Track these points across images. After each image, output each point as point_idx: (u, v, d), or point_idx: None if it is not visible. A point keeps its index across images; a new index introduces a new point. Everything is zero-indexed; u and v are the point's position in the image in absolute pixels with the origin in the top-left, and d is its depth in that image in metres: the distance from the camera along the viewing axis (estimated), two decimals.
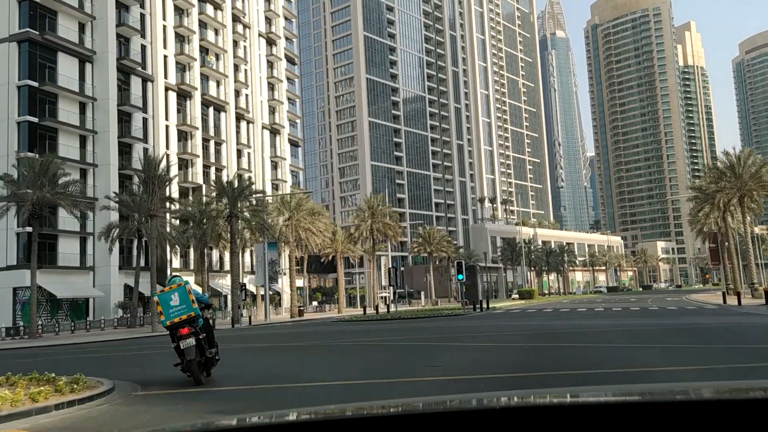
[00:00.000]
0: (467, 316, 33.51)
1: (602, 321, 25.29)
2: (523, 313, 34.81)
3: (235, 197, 46.37)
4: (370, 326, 29.06)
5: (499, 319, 29.25)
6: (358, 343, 19.67)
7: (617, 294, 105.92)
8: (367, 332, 24.98)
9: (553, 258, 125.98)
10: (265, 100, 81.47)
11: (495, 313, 37.81)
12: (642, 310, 35.34)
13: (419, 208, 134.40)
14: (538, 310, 39.37)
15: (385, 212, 70.98)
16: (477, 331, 22.60)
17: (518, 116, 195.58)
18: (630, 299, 63.61)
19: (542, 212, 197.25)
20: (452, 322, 28.26)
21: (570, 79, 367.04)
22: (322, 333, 26.80)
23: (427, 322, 29.14)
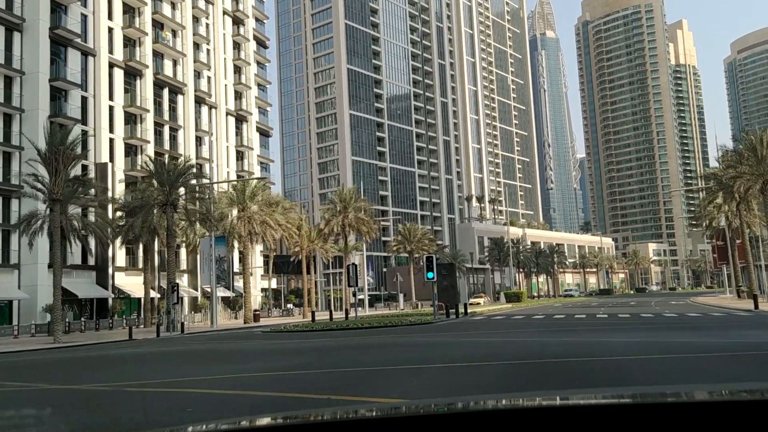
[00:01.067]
0: (436, 325, 26.19)
1: (619, 337, 17.75)
2: (507, 322, 27.40)
3: (171, 182, 38.93)
4: (289, 342, 21.61)
5: (475, 332, 21.86)
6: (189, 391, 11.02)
7: (611, 297, 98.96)
8: (261, 354, 17.73)
9: (543, 259, 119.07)
10: (231, 83, 73.98)
11: (474, 320, 30.46)
12: (657, 317, 28.24)
13: (403, 207, 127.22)
14: (526, 317, 32.16)
15: (359, 206, 63.67)
16: (433, 355, 15.00)
17: (507, 114, 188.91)
18: (629, 303, 56.62)
19: (531, 212, 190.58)
20: (411, 336, 21.00)
21: (560, 79, 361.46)
22: (198, 354, 19.29)
23: (379, 334, 21.92)
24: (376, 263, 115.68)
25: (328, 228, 62.19)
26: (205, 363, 16.36)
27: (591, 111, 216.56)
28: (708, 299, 57.80)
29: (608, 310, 39.25)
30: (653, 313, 32.59)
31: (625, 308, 41.75)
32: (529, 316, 32.61)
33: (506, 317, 32.70)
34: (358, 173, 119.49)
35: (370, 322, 26.64)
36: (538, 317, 31.37)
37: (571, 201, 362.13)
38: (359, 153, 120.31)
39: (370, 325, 25.61)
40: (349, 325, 25.33)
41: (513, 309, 47.81)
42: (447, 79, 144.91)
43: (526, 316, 32.57)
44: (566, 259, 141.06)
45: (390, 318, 32.26)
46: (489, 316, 34.36)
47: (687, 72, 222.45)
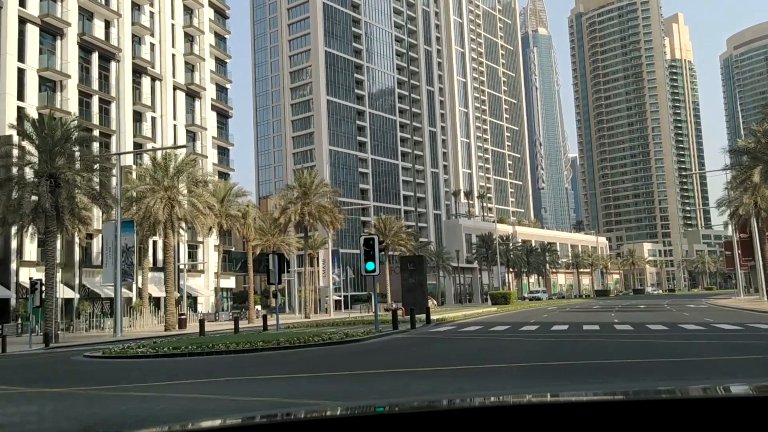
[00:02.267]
0: (363, 348, 16.40)
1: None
2: (479, 340, 18.08)
3: (50, 148, 29.25)
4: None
5: (400, 376, 11.53)
6: None
7: (609, 299, 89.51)
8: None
9: (534, 258, 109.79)
10: (180, 53, 64.18)
11: (431, 335, 20.50)
12: (714, 331, 18.68)
13: (385, 201, 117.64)
14: (511, 328, 22.76)
15: (322, 192, 54.05)
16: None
17: (498, 107, 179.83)
18: (637, 305, 47.32)
19: (522, 211, 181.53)
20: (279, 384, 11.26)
21: (552, 77, 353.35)
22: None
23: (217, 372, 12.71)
24: (353, 262, 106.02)
25: (284, 217, 52.52)
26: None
27: (584, 106, 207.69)
28: (729, 301, 48.61)
29: (623, 316, 29.67)
30: (697, 322, 22.89)
31: (641, 314, 32.37)
32: (516, 327, 22.71)
33: (483, 328, 22.83)
34: (336, 164, 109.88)
35: (277, 339, 16.90)
36: (530, 328, 21.71)
37: (563, 201, 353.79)
38: (338, 143, 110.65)
39: (283, 344, 15.93)
40: (229, 346, 15.70)
41: (497, 314, 38.22)
42: (434, 68, 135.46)
43: (512, 327, 22.72)
44: (559, 259, 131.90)
45: (318, 330, 22.76)
46: (459, 327, 23.97)
47: (683, 67, 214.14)
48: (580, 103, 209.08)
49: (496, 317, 34.44)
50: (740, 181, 39.75)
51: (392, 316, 23.20)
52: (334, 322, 29.97)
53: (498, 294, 57.02)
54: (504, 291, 60.45)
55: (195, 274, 63.36)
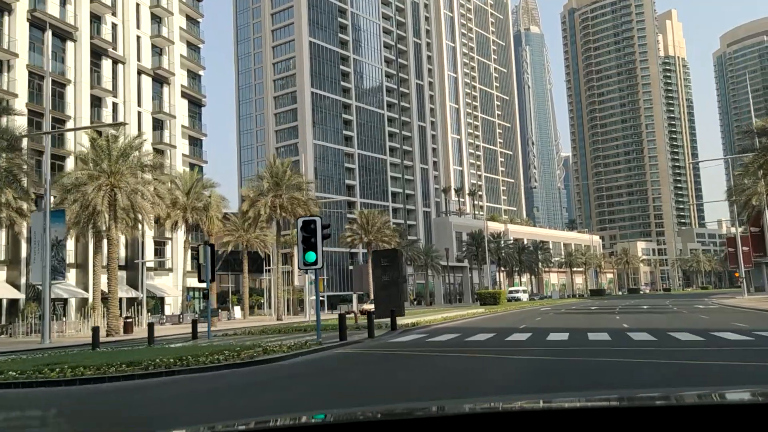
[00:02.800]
0: (267, 375, 11.15)
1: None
2: (446, 360, 12.84)
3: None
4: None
5: None
6: None
7: (605, 299, 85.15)
8: None
9: (526, 256, 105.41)
10: (146, 35, 59.34)
11: (387, 349, 15.11)
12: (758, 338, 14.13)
13: (373, 198, 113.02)
14: (494, 337, 17.83)
15: (296, 183, 49.32)
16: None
17: (490, 103, 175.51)
18: (640, 306, 42.88)
19: (514, 209, 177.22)
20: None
21: (544, 76, 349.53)
22: None
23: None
24: (339, 261, 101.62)
25: (253, 211, 47.73)
26: None
27: (577, 103, 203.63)
28: (736, 301, 44.24)
29: (631, 320, 25.08)
30: (730, 328, 18.15)
31: (650, 316, 27.90)
32: (502, 335, 18.08)
33: (460, 336, 17.97)
34: (321, 159, 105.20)
35: (156, 360, 11.93)
36: (519, 337, 16.85)
37: (555, 200, 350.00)
38: (323, 137, 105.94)
39: (174, 365, 11.13)
40: (101, 367, 10.94)
41: (483, 317, 33.62)
42: (423, 61, 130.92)
43: (497, 335, 18.08)
44: (552, 257, 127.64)
45: (257, 339, 18.20)
46: (430, 335, 19.66)
47: (676, 64, 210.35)
48: (573, 99, 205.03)
49: (481, 321, 29.82)
50: (759, 165, 35.20)
51: (368, 320, 18.52)
52: (290, 327, 25.09)
53: (486, 294, 52.34)
54: (493, 290, 55.75)
55: (162, 272, 58.53)
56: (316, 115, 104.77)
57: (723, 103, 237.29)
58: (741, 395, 1.81)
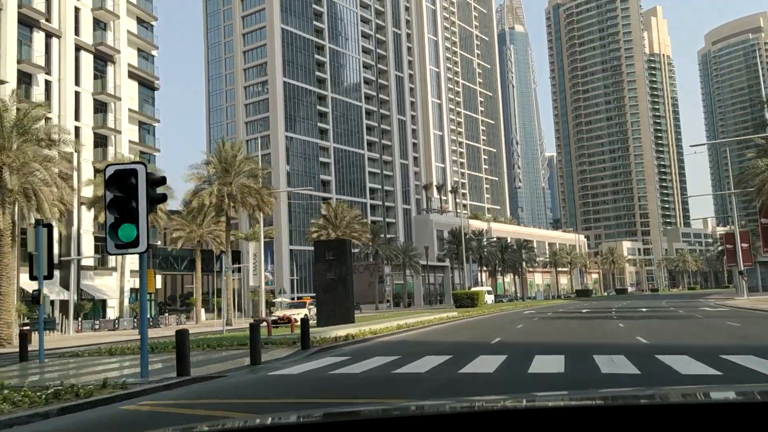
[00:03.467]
0: None
1: None
2: None
3: None
4: None
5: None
6: None
7: (593, 300, 79.57)
8: None
9: (510, 255, 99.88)
10: (87, 7, 52.91)
11: (219, 400, 8.30)
12: None
13: (350, 194, 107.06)
14: (448, 362, 11.56)
15: (249, 169, 43.19)
16: None
17: (473, 100, 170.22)
18: (637, 308, 37.38)
19: (498, 208, 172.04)
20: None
21: (529, 75, 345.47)
22: None
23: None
24: (305, 259, 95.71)
25: (197, 201, 41.53)
26: None
27: (562, 100, 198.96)
28: (741, 302, 38.91)
29: (639, 329, 19.19)
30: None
31: (660, 323, 22.23)
32: (460, 359, 11.86)
33: (395, 362, 11.87)
34: (294, 153, 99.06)
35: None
36: (487, 363, 10.08)
37: (540, 200, 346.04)
38: (296, 129, 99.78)
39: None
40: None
41: (451, 324, 27.61)
42: (403, 52, 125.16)
43: (453, 359, 12.06)
44: (536, 257, 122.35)
45: (96, 355, 12.32)
46: (352, 360, 12.82)
47: (661, 62, 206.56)
48: (557, 96, 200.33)
49: (445, 330, 23.89)
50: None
51: (251, 336, 12.31)
52: (157, 345, 18.30)
53: (463, 295, 46.31)
54: (471, 291, 49.62)
55: (104, 272, 52.14)
56: (289, 106, 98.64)
57: (708, 102, 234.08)
58: (726, 394, 1.84)
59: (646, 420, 1.33)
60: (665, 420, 1.31)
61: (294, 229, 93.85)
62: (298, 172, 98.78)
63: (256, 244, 47.20)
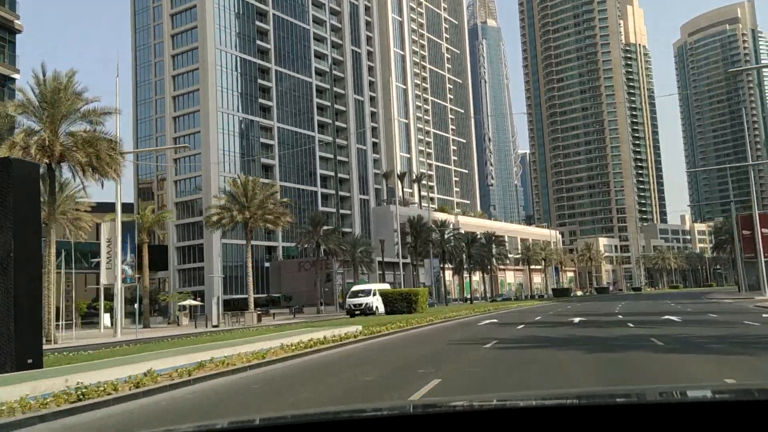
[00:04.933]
0: None
1: None
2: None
3: None
4: None
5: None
6: None
7: (572, 300, 66.22)
8: None
9: (477, 249, 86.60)
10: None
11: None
12: None
13: (297, 181, 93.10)
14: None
15: (84, 112, 28.94)
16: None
17: (441, 86, 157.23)
18: (651, 313, 24.34)
19: (468, 202, 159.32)
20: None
21: (501, 71, 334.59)
22: None
23: None
24: (256, 255, 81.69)
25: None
26: None
27: (535, 90, 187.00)
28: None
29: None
30: None
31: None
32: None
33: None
34: (229, 131, 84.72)
35: None
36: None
37: (512, 198, 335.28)
38: (232, 106, 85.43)
39: None
40: None
41: (338, 350, 14.33)
42: (361, 26, 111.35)
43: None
44: (507, 251, 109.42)
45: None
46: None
47: (637, 52, 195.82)
48: (530, 86, 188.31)
49: (302, 371, 10.34)
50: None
51: None
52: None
53: (396, 296, 32.45)
54: (407, 291, 35.19)
55: None
56: (223, 78, 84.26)
57: (684, 95, 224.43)
58: (704, 392, 1.83)
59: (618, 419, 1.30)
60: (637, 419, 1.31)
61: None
62: (235, 153, 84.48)
63: (111, 226, 32.87)
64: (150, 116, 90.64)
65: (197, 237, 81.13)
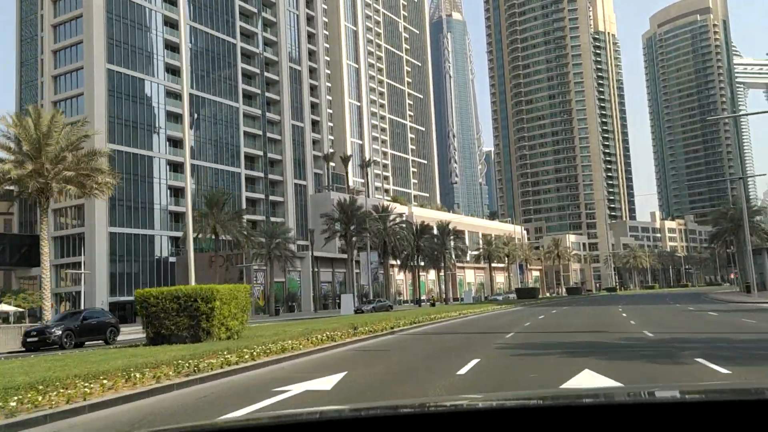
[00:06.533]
0: None
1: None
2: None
3: None
4: None
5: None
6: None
7: (546, 304, 50.10)
8: None
9: (428, 242, 70.75)
10: None
11: None
12: None
13: (215, 159, 76.23)
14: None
15: None
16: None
17: (398, 68, 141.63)
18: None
19: (427, 195, 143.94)
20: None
21: (466, 66, 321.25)
22: None
23: None
24: (148, 247, 64.76)
25: None
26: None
27: (500, 77, 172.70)
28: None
29: None
30: None
31: None
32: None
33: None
34: (123, 96, 67.28)
35: None
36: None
37: (477, 196, 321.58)
38: (128, 63, 68.03)
39: None
40: None
41: None
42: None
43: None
44: (466, 245, 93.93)
45: None
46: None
47: (606, 41, 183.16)
48: (495, 73, 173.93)
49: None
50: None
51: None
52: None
53: (169, 303, 15.66)
54: (194, 289, 18.00)
55: None
56: (115, 29, 66.84)
57: (652, 88, 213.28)
58: (672, 392, 1.81)
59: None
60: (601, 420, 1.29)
61: (111, 204, 62.14)
62: (131, 121, 67.12)
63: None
64: (34, 80, 72.54)
65: (77, 225, 63.76)
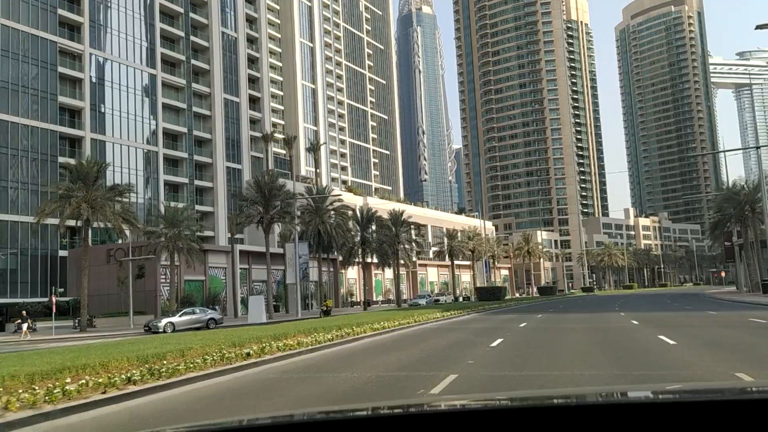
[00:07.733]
0: None
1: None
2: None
3: None
4: None
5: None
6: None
7: (512, 308, 38.25)
8: None
9: (377, 233, 58.85)
10: None
11: None
12: None
13: (126, 135, 63.17)
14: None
15: None
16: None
17: (358, 50, 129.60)
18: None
19: (390, 188, 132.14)
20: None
21: (436, 60, 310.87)
22: None
23: None
24: (31, 240, 51.58)
25: None
26: None
27: (469, 65, 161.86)
28: None
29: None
30: None
31: None
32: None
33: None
34: (4, 53, 54.02)
35: None
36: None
37: (447, 195, 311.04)
38: (8, 12, 54.77)
39: None
40: None
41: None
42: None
43: None
44: (428, 243, 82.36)
45: None
46: None
47: (579, 30, 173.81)
48: (464, 60, 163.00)
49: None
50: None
51: None
52: None
53: None
54: None
55: None
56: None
57: (626, 82, 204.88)
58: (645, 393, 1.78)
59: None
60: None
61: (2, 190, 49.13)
62: (15, 86, 53.87)
63: None
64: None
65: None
